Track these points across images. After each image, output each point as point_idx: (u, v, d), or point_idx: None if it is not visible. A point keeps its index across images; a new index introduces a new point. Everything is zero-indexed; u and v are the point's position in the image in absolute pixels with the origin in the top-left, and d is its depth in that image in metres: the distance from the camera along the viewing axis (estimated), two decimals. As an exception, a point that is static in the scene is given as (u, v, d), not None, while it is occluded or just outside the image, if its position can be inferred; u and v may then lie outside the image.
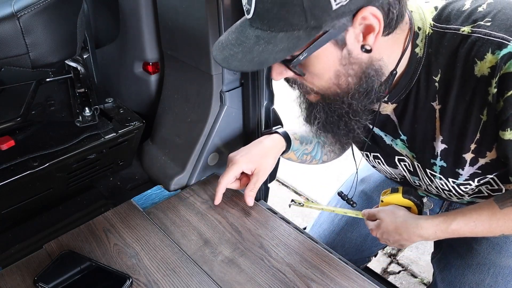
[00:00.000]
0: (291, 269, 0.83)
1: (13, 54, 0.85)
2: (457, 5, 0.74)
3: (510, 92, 0.65)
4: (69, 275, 0.80)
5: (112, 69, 1.33)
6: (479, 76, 0.68)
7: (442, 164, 0.82)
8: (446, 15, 0.73)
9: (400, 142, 0.87)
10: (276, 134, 0.99)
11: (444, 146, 0.79)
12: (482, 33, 0.68)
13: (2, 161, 0.93)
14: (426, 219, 0.86)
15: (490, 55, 0.66)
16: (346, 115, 0.77)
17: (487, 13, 0.69)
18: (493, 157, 0.76)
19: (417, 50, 0.74)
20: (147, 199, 1.07)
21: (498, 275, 0.94)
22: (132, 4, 1.16)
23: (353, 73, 0.71)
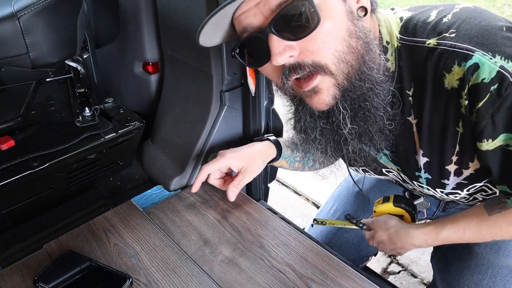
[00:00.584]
0: (291, 269, 0.82)
1: (13, 54, 0.85)
2: (423, 16, 0.73)
3: (480, 103, 0.64)
4: (69, 275, 0.80)
5: (112, 69, 1.33)
6: (449, 88, 0.67)
7: (427, 177, 0.82)
8: (412, 28, 0.72)
9: (384, 156, 0.86)
10: (267, 141, 0.99)
11: (426, 159, 0.78)
12: (448, 45, 0.67)
13: (2, 161, 0.93)
14: (416, 228, 0.88)
15: (457, 67, 0.65)
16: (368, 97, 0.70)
17: (451, 24, 0.69)
18: (476, 167, 0.76)
19: (388, 64, 0.73)
20: (147, 199, 1.07)
21: (497, 275, 0.94)
22: (132, 4, 1.16)
23: (362, 35, 0.68)
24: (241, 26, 0.68)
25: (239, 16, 0.67)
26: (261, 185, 1.22)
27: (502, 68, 0.63)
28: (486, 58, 0.63)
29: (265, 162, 0.98)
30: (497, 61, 0.63)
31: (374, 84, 0.70)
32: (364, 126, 0.72)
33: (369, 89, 0.70)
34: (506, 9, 4.09)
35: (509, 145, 0.66)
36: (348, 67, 0.67)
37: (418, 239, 0.86)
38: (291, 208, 2.02)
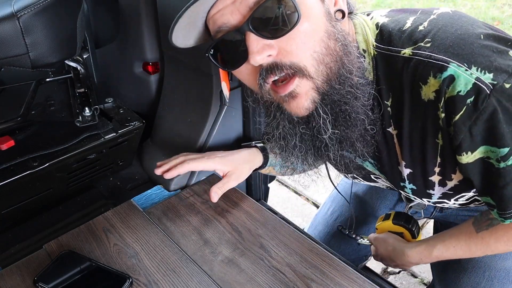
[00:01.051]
0: (291, 269, 0.82)
1: (13, 54, 0.85)
2: (399, 23, 0.70)
3: (457, 116, 0.63)
4: (69, 275, 0.80)
5: (112, 69, 1.33)
6: (426, 100, 0.66)
7: (412, 187, 0.81)
8: (387, 36, 0.70)
9: (370, 164, 0.85)
10: (254, 148, 0.99)
11: (409, 170, 0.77)
12: (423, 55, 0.64)
13: (2, 161, 0.93)
14: (410, 248, 0.89)
15: (433, 78, 0.63)
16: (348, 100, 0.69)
17: (427, 33, 0.66)
18: (460, 179, 0.74)
19: (366, 73, 0.71)
20: (147, 199, 1.07)
21: (494, 278, 0.94)
22: (132, 4, 1.16)
23: (341, 37, 0.66)
24: (216, 26, 0.66)
25: (214, 15, 0.65)
26: (261, 185, 1.22)
27: (478, 80, 0.61)
28: (462, 69, 0.61)
29: (252, 169, 0.97)
30: (473, 72, 0.61)
31: (353, 88, 0.68)
32: (346, 131, 0.70)
33: (348, 92, 0.68)
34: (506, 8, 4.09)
35: (490, 157, 0.65)
36: (327, 69, 0.66)
37: (414, 258, 0.89)
38: (291, 208, 2.02)
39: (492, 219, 0.77)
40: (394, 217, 0.98)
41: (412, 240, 0.96)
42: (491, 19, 3.90)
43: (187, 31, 0.69)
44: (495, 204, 0.70)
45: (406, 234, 0.97)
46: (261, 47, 0.62)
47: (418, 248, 0.88)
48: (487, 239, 0.77)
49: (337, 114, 0.69)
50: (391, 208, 1.16)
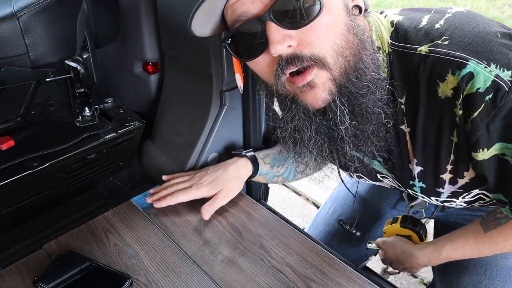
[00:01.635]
0: (291, 269, 0.82)
1: (13, 54, 0.85)
2: (414, 21, 0.70)
3: (475, 113, 0.63)
4: (69, 275, 0.80)
5: (112, 69, 1.33)
6: (443, 97, 0.66)
7: (421, 185, 0.81)
8: (403, 33, 0.70)
9: (378, 163, 0.85)
10: (244, 158, 0.98)
11: (420, 168, 0.77)
12: (441, 53, 0.64)
13: (2, 161, 0.93)
14: (419, 249, 0.89)
15: (451, 76, 0.63)
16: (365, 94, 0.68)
17: (444, 31, 0.66)
18: (471, 176, 0.74)
19: (380, 71, 0.71)
20: (147, 199, 1.07)
21: (495, 276, 0.94)
22: (132, 4, 1.16)
23: (359, 31, 0.67)
24: (235, 15, 0.65)
25: (234, 3, 0.64)
26: (261, 185, 1.21)
27: (497, 77, 0.61)
28: (481, 67, 0.62)
29: (242, 183, 0.98)
30: (492, 69, 0.61)
31: (370, 82, 0.68)
32: (362, 124, 0.70)
33: (365, 86, 0.68)
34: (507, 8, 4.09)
35: (505, 154, 0.65)
36: (345, 62, 0.66)
37: (423, 259, 0.89)
38: (291, 208, 2.02)
39: (500, 218, 0.77)
40: (401, 221, 0.98)
41: (420, 243, 0.96)
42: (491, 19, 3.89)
43: (205, 20, 0.69)
44: (507, 200, 0.70)
45: (414, 237, 0.98)
46: (282, 37, 0.62)
47: (426, 249, 0.88)
48: (495, 238, 0.78)
49: (354, 106, 0.69)
50: (392, 207, 1.16)
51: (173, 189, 0.98)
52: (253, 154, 0.99)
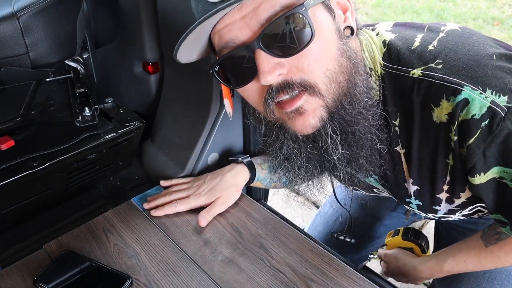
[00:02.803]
0: (291, 269, 0.82)
1: (13, 54, 0.85)
2: (407, 42, 0.68)
3: (471, 140, 0.62)
4: (69, 275, 0.80)
5: (112, 69, 1.33)
6: (438, 122, 0.65)
7: (417, 203, 0.81)
8: (396, 55, 0.68)
9: (373, 179, 0.85)
10: (240, 165, 0.98)
11: (416, 187, 0.76)
12: (435, 77, 0.63)
13: (2, 161, 0.92)
14: (421, 263, 0.90)
15: (446, 101, 0.62)
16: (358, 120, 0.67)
17: (437, 53, 0.64)
18: (468, 196, 0.74)
19: (372, 93, 0.69)
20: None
21: (494, 279, 0.94)
22: (132, 4, 1.16)
23: (352, 55, 0.65)
24: (223, 41, 0.62)
25: (221, 29, 0.61)
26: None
27: (493, 103, 0.60)
28: (476, 93, 0.60)
29: (239, 190, 0.97)
30: (488, 95, 0.60)
31: (364, 108, 0.66)
32: (355, 151, 0.69)
33: (358, 113, 0.66)
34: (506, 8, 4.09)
35: (503, 178, 0.64)
36: (339, 88, 0.64)
37: (425, 272, 0.89)
38: (291, 208, 2.02)
39: (501, 233, 0.77)
40: (403, 233, 0.99)
41: (422, 255, 0.96)
42: (491, 19, 3.90)
43: (192, 46, 0.66)
44: (507, 221, 0.69)
45: (416, 249, 0.98)
46: (272, 66, 0.59)
47: (429, 263, 0.88)
48: (496, 253, 0.77)
49: (347, 134, 0.67)
50: (392, 209, 1.16)
51: (171, 198, 0.98)
52: (250, 160, 0.99)
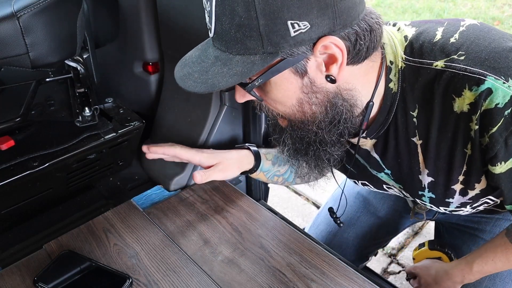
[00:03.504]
0: (291, 269, 0.82)
1: (13, 54, 0.85)
2: (428, 35, 0.70)
3: (494, 128, 0.63)
4: (69, 275, 0.80)
5: (112, 69, 1.33)
6: (458, 112, 0.66)
7: (430, 196, 0.81)
8: (418, 48, 0.70)
9: (385, 175, 0.85)
10: (247, 150, 0.98)
11: (430, 179, 0.77)
12: (457, 68, 0.65)
13: (2, 161, 0.92)
14: (452, 267, 0.91)
15: (468, 91, 0.64)
16: (313, 143, 0.74)
17: (460, 45, 0.67)
18: (482, 187, 0.75)
19: (391, 85, 0.71)
20: (147, 199, 1.07)
21: (496, 277, 0.94)
22: (132, 4, 1.16)
23: (317, 101, 0.68)
24: None
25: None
26: (261, 185, 1.22)
27: None
28: (499, 82, 0.62)
29: (240, 169, 0.96)
30: (511, 85, 0.62)
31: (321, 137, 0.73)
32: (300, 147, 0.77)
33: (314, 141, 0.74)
34: (506, 8, 4.09)
35: None
36: (297, 122, 0.72)
37: (457, 276, 0.89)
38: (291, 208, 2.02)
39: None
40: (429, 244, 1.02)
41: (449, 263, 0.97)
42: (491, 19, 3.90)
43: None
44: None
45: (444, 257, 1.00)
46: (242, 94, 0.73)
47: (459, 266, 0.89)
48: None
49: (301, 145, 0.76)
50: (395, 209, 1.16)
51: (172, 145, 0.97)
52: (257, 150, 0.99)
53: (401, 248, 1.77)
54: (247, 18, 0.57)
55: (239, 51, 0.61)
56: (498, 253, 0.82)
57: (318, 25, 0.58)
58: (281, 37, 0.58)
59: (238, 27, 0.59)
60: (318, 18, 0.58)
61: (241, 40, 0.60)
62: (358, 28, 0.62)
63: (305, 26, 0.58)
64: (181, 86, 0.67)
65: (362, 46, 0.63)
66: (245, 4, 0.57)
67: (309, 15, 0.57)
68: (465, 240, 1.03)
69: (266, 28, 0.58)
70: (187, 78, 0.66)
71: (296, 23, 0.58)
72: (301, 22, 0.58)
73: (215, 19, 0.61)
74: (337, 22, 0.59)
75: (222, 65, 0.63)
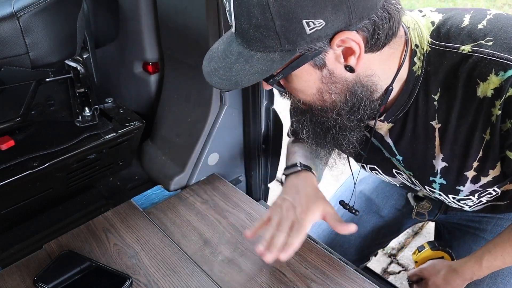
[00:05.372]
0: (291, 269, 0.82)
1: (13, 54, 0.85)
2: (456, 21, 0.71)
3: None
4: (69, 275, 0.80)
5: (112, 69, 1.33)
6: (481, 97, 0.66)
7: (441, 182, 0.81)
8: (445, 32, 0.70)
9: (396, 161, 0.86)
10: (310, 173, 0.92)
11: (444, 164, 0.77)
12: (484, 53, 0.65)
13: (2, 161, 0.93)
14: (461, 265, 0.90)
15: (494, 76, 0.64)
16: (333, 128, 0.75)
17: (488, 32, 0.67)
18: (496, 175, 0.75)
19: (415, 68, 0.72)
20: (147, 199, 1.07)
21: (497, 276, 0.94)
22: (132, 4, 1.16)
23: (337, 90, 0.69)
24: None
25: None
26: (261, 185, 1.22)
27: None
28: None
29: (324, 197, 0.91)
30: None
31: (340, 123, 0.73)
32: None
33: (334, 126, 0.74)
34: (507, 8, 4.09)
35: None
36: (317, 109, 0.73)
37: (467, 273, 0.88)
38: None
39: None
40: (430, 245, 1.01)
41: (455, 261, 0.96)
42: None
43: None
44: None
45: (447, 257, 0.99)
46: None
47: (468, 263, 0.88)
48: None
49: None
50: (396, 208, 1.16)
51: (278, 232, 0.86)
52: (307, 165, 0.94)
53: (401, 248, 1.77)
54: (264, 20, 0.59)
55: (259, 48, 0.63)
56: (507, 248, 0.81)
57: (333, 22, 0.59)
58: (298, 35, 0.60)
59: (256, 27, 0.60)
60: (333, 15, 0.58)
61: (260, 39, 0.61)
62: (376, 17, 0.62)
63: (320, 24, 0.59)
64: (208, 81, 0.69)
65: (380, 35, 0.64)
66: (260, 6, 0.58)
67: (324, 13, 0.58)
68: (466, 240, 1.03)
69: (282, 28, 0.59)
70: (213, 74, 0.68)
71: (311, 22, 0.59)
72: (316, 21, 0.58)
73: (234, 18, 0.62)
74: (352, 16, 0.60)
75: (245, 62, 0.64)
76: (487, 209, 0.91)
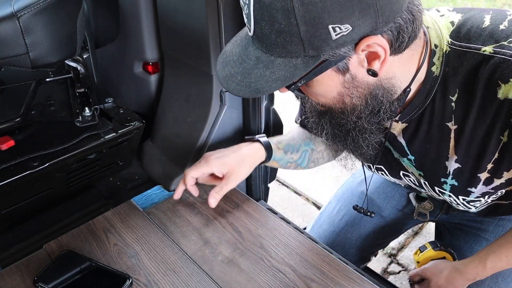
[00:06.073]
0: (291, 269, 0.82)
1: (13, 54, 0.85)
2: (476, 21, 0.70)
3: None
4: (69, 275, 0.80)
5: (112, 69, 1.33)
6: (502, 99, 0.65)
7: (453, 183, 0.81)
8: (465, 33, 0.69)
9: (407, 160, 0.85)
10: (257, 143, 0.96)
11: (457, 165, 0.77)
12: (507, 54, 0.64)
13: (2, 161, 0.93)
14: (465, 265, 0.90)
15: None
16: (353, 131, 0.74)
17: (510, 32, 0.66)
18: (510, 177, 0.74)
19: (433, 68, 0.71)
20: (147, 199, 1.07)
21: (498, 275, 0.94)
22: (132, 4, 1.16)
23: (358, 94, 0.68)
24: None
25: None
26: (261, 185, 1.21)
27: None
28: None
29: (252, 167, 0.94)
30: None
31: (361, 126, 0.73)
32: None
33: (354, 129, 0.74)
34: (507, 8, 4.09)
35: None
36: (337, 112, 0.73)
37: (471, 273, 0.88)
38: (291, 208, 2.02)
39: None
40: (432, 245, 1.01)
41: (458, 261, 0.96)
42: None
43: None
44: None
45: (448, 257, 1.00)
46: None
47: (472, 263, 0.88)
48: None
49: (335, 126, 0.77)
50: (398, 209, 1.16)
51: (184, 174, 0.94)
52: (267, 140, 0.97)
53: (401, 248, 1.77)
54: (287, 25, 0.57)
55: (280, 54, 0.60)
56: None
57: (360, 26, 0.57)
58: (323, 41, 0.58)
59: (278, 32, 0.58)
60: (360, 19, 0.57)
61: (282, 45, 0.59)
62: (401, 20, 0.61)
63: (346, 29, 0.57)
64: (225, 87, 0.67)
65: (404, 38, 0.62)
66: (285, 11, 0.56)
67: (351, 17, 0.56)
68: (467, 240, 1.03)
69: (307, 34, 0.57)
70: (229, 79, 0.65)
71: (337, 27, 0.57)
72: (342, 26, 0.57)
73: (254, 22, 0.60)
74: (379, 20, 0.58)
75: (264, 67, 0.62)
76: (489, 209, 0.91)
